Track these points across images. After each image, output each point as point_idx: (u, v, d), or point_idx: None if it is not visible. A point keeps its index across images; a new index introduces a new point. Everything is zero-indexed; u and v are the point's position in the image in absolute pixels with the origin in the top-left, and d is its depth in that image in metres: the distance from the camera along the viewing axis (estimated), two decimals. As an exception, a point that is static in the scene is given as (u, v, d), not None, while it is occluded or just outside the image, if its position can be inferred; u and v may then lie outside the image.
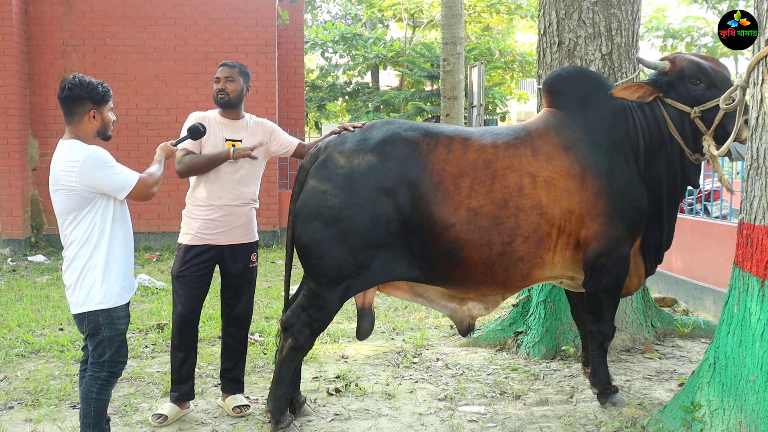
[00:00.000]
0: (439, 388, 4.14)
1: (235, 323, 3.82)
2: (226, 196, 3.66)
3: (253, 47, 9.69)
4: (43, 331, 5.43)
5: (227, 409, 3.77)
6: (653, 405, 3.74)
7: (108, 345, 2.97)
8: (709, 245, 5.84)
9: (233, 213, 3.68)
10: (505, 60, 16.23)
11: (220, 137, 3.67)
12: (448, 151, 3.40)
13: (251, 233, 3.79)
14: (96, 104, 2.99)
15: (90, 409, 3.00)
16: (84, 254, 2.95)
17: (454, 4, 10.31)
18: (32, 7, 9.39)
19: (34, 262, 8.60)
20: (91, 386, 3.00)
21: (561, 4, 4.62)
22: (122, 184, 2.95)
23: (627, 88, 3.55)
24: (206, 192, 3.65)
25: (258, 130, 3.79)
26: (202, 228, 3.65)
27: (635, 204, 3.55)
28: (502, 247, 3.37)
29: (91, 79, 3.02)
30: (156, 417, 3.63)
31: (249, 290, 3.82)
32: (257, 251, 3.83)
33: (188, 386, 3.73)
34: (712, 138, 3.46)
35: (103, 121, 3.02)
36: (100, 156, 2.92)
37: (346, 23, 21.09)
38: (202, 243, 3.66)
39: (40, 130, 9.47)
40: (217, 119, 3.72)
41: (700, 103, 3.50)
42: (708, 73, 3.50)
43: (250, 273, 3.80)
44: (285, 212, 9.45)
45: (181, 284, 3.67)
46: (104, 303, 2.94)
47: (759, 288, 2.96)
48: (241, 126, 3.74)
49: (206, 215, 3.65)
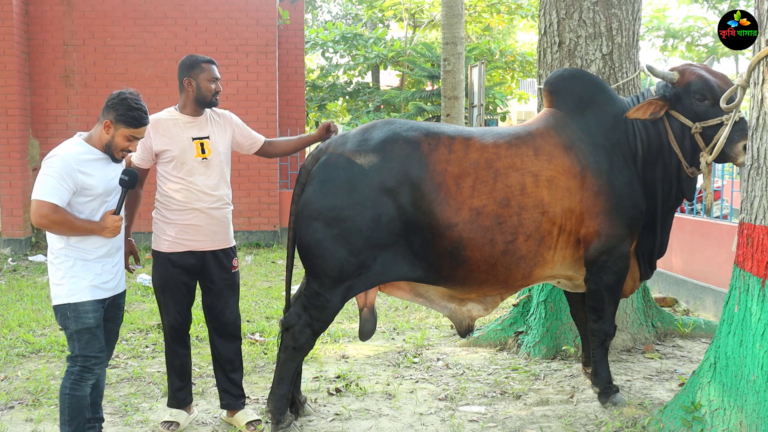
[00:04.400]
0: (439, 388, 4.14)
1: (224, 334, 3.59)
2: (206, 200, 3.45)
3: (253, 47, 9.69)
4: (43, 330, 5.43)
5: (238, 426, 3.58)
6: (654, 405, 3.74)
7: (76, 339, 2.96)
8: (709, 245, 5.84)
9: (213, 216, 3.48)
10: (505, 60, 16.23)
11: (185, 138, 3.44)
12: (449, 151, 3.40)
13: (230, 237, 3.60)
14: (115, 120, 2.95)
15: (64, 405, 2.97)
16: (55, 249, 2.97)
17: (455, 4, 10.32)
18: (33, 6, 9.39)
19: (34, 261, 8.61)
20: (65, 381, 2.99)
21: (561, 4, 4.62)
22: (37, 191, 2.87)
23: (639, 108, 3.51)
24: (183, 195, 3.43)
25: (226, 124, 3.58)
26: (180, 233, 3.44)
27: (634, 203, 3.56)
28: (504, 246, 3.38)
29: (135, 99, 2.99)
30: (167, 425, 3.52)
31: (234, 296, 3.61)
32: (236, 256, 3.67)
33: (186, 392, 3.64)
34: (709, 155, 3.47)
35: (113, 139, 2.98)
36: (54, 160, 2.89)
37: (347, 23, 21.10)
38: (182, 250, 3.46)
39: (40, 130, 9.47)
40: (177, 119, 3.47)
41: (702, 120, 3.49)
42: (714, 90, 3.47)
43: (233, 278, 3.60)
44: (285, 212, 9.45)
45: (167, 294, 3.48)
46: (69, 297, 2.94)
47: (759, 288, 2.96)
48: (204, 122, 3.50)
49: (184, 220, 3.44)
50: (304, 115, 11.16)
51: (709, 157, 3.46)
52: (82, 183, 2.91)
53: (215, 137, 3.51)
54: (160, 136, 3.44)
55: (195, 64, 3.48)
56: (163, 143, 3.43)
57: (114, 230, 2.99)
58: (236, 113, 3.80)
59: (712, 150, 3.45)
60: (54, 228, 2.89)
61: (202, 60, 3.50)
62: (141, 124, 2.99)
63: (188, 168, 3.44)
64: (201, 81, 3.45)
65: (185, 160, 3.43)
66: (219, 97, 3.52)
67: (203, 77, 3.45)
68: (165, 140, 3.44)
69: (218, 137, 3.53)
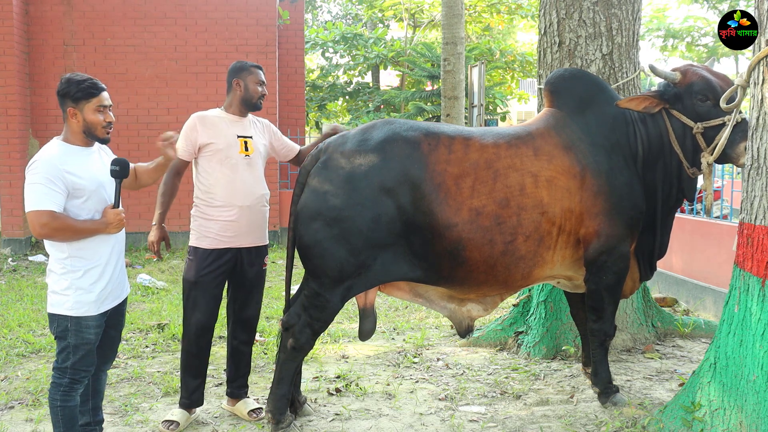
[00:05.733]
0: (439, 388, 4.14)
1: (245, 327, 3.72)
2: (248, 197, 3.58)
3: (253, 47, 9.70)
4: (43, 331, 5.43)
5: (241, 414, 3.70)
6: (654, 405, 3.74)
7: (72, 352, 2.84)
8: (709, 245, 5.84)
9: (254, 213, 3.61)
10: (505, 60, 16.23)
11: (231, 134, 3.59)
12: (449, 151, 3.40)
13: (266, 235, 3.74)
14: (74, 101, 2.81)
15: (58, 418, 2.87)
16: (57, 258, 2.84)
17: (455, 4, 10.32)
18: (33, 6, 9.39)
19: (34, 262, 8.61)
20: (54, 393, 2.87)
21: (561, 4, 4.62)
22: (29, 203, 2.73)
23: (633, 99, 3.53)
24: (225, 192, 3.54)
25: (265, 130, 3.80)
26: (221, 230, 3.54)
27: (634, 203, 3.56)
28: (503, 246, 3.38)
29: (80, 75, 2.86)
30: (167, 424, 3.53)
31: (260, 293, 3.76)
32: (268, 253, 3.79)
33: (200, 392, 3.66)
34: (710, 155, 3.47)
35: (85, 120, 2.84)
36: (36, 165, 2.76)
37: (347, 23, 21.10)
38: (223, 246, 3.55)
39: (40, 130, 9.48)
40: (224, 117, 3.64)
41: (704, 120, 3.49)
42: (716, 91, 3.47)
43: (262, 275, 3.75)
44: (285, 212, 9.45)
45: (201, 290, 3.54)
46: (74, 310, 2.82)
47: (759, 288, 2.96)
48: (247, 124, 3.69)
49: (226, 216, 3.54)
50: (304, 115, 11.16)
51: (710, 157, 3.46)
52: (72, 183, 2.78)
53: (257, 138, 3.70)
54: (207, 130, 3.58)
55: (244, 67, 3.67)
56: (208, 136, 3.57)
57: (118, 224, 2.89)
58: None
59: (713, 150, 3.45)
60: (57, 235, 2.75)
61: (251, 65, 3.69)
62: (99, 90, 2.86)
63: (232, 163, 3.57)
64: (249, 83, 3.63)
65: (230, 154, 3.58)
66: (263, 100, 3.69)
67: (251, 80, 3.64)
68: (211, 133, 3.58)
69: (259, 139, 3.72)
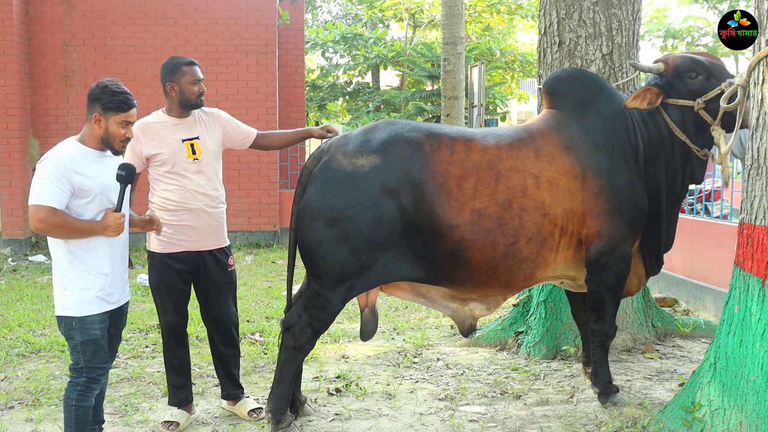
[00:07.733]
0: (439, 388, 4.14)
1: (221, 330, 3.66)
2: (201, 199, 3.48)
3: (253, 47, 9.69)
4: (43, 330, 5.43)
5: (241, 414, 3.70)
6: (654, 405, 3.74)
7: (81, 350, 2.89)
8: (709, 245, 5.84)
9: (208, 216, 3.52)
10: (505, 60, 16.23)
11: (175, 140, 3.46)
12: (451, 152, 3.40)
13: (225, 237, 3.64)
14: (103, 109, 2.86)
15: (71, 417, 2.91)
16: (59, 257, 2.88)
17: (455, 4, 10.32)
18: (33, 7, 9.39)
19: (34, 262, 8.61)
20: (70, 393, 2.92)
21: (561, 4, 4.62)
22: (33, 196, 2.77)
23: (636, 96, 3.52)
24: (178, 195, 3.45)
25: (214, 123, 3.59)
26: (176, 234, 3.46)
27: (636, 203, 3.55)
28: (506, 248, 3.38)
29: (117, 86, 2.89)
30: (167, 425, 3.53)
31: (231, 295, 3.67)
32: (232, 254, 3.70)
33: (187, 390, 3.66)
34: (720, 126, 3.44)
35: (107, 130, 2.88)
36: (47, 161, 2.80)
37: (347, 23, 21.10)
38: (178, 250, 3.49)
39: (40, 130, 9.47)
40: (166, 122, 3.49)
41: (701, 95, 3.49)
42: (704, 64, 3.50)
43: (231, 276, 3.66)
44: (285, 212, 9.45)
45: (164, 292, 3.51)
46: (73, 310, 2.86)
47: (759, 288, 2.96)
48: (192, 123, 3.52)
49: (180, 221, 3.46)
50: (304, 115, 11.16)
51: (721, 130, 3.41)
52: (79, 184, 2.81)
53: (205, 137, 3.54)
54: (150, 140, 3.46)
55: (176, 68, 3.46)
56: (153, 147, 3.45)
57: (117, 228, 2.90)
58: (236, 113, 3.83)
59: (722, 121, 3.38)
60: (54, 232, 2.80)
61: (183, 63, 3.48)
62: (130, 107, 2.91)
63: (181, 170, 3.46)
64: (183, 85, 3.45)
65: (177, 161, 3.46)
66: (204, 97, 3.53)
67: (185, 81, 3.45)
68: (155, 143, 3.46)
69: (208, 137, 3.55)
